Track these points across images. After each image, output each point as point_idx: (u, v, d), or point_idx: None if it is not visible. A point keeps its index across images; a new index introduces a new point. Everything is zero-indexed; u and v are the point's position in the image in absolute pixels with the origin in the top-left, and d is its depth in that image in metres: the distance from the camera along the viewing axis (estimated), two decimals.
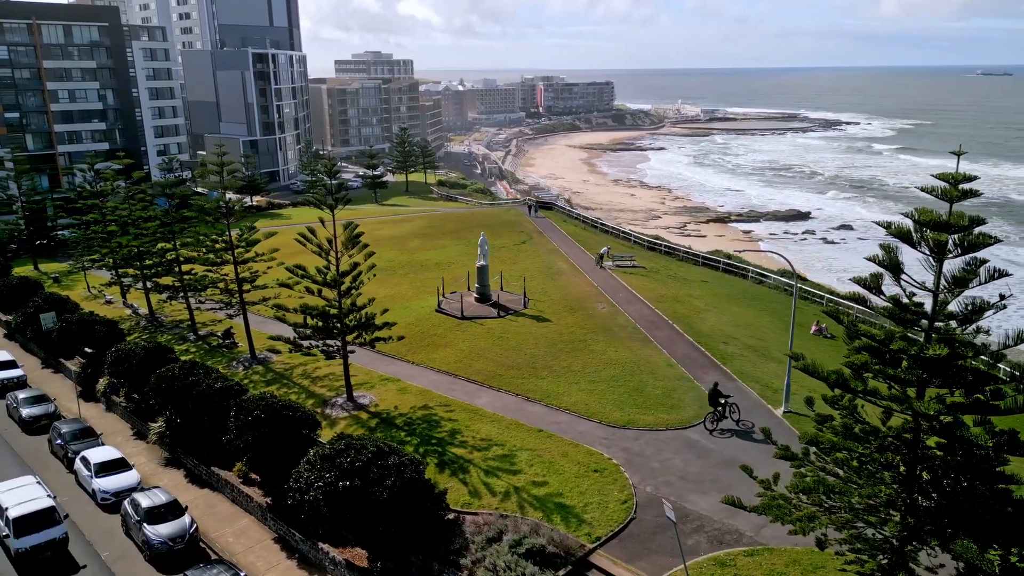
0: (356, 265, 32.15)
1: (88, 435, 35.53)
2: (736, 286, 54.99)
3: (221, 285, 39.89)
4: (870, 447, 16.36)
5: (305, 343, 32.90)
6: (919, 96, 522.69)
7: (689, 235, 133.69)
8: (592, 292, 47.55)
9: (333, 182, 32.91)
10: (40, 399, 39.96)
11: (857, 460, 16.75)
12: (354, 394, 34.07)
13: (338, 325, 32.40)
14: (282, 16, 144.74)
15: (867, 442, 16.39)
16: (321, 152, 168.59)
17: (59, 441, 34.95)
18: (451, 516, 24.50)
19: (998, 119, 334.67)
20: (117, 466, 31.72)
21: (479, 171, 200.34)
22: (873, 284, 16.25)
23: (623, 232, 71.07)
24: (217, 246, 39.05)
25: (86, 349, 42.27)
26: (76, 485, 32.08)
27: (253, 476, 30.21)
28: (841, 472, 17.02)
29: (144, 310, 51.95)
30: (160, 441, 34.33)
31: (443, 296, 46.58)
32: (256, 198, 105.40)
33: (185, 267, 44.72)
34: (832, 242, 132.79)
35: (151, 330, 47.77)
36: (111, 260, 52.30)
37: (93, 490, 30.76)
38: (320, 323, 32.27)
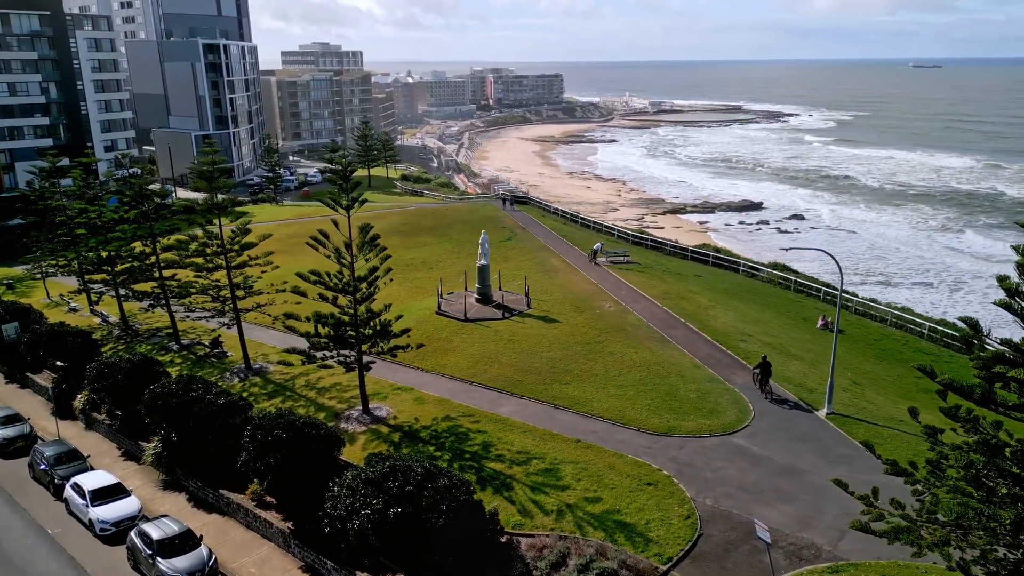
0: (374, 270, 30.11)
1: (74, 458, 32.67)
2: (730, 280, 54.50)
3: (212, 292, 37.20)
4: (1010, 464, 15.37)
5: (319, 354, 30.71)
6: (855, 88, 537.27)
7: (647, 227, 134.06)
8: (594, 290, 46.29)
9: (348, 183, 30.74)
10: (13, 419, 36.76)
11: (990, 478, 15.75)
12: (369, 406, 32.06)
13: (353, 334, 30.38)
14: (230, 5, 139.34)
15: (1008, 458, 15.39)
16: (275, 147, 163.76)
17: (43, 466, 32.03)
18: (504, 539, 22.93)
19: (930, 110, 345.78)
20: (114, 492, 29.13)
21: (436, 164, 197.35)
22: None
23: (606, 227, 70.06)
24: (209, 250, 36.36)
25: (58, 363, 39.18)
26: (68, 515, 29.38)
27: (268, 499, 28.07)
28: (974, 492, 15.99)
29: (115, 318, 48.67)
30: (157, 462, 31.75)
31: (441, 297, 44.71)
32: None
33: (167, 272, 41.79)
34: (786, 232, 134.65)
35: (127, 340, 44.64)
36: (78, 265, 48.79)
37: (90, 520, 28.13)
38: (333, 332, 30.16)
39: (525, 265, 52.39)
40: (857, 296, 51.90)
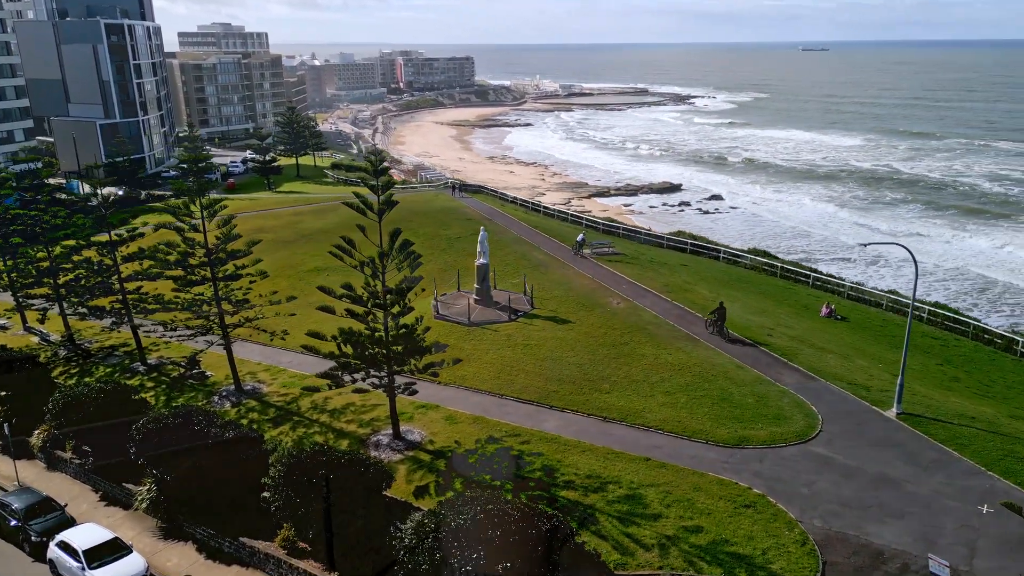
0: (411, 281, 26.78)
1: (50, 509, 27.93)
2: (715, 268, 53.46)
3: (195, 308, 32.68)
4: None
5: (349, 377, 27.14)
6: (752, 71, 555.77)
7: (575, 210, 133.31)
8: (594, 285, 44.05)
9: (379, 181, 27.18)
10: None
11: None
12: (400, 429, 28.76)
13: (384, 352, 27.00)
14: None
15: None
16: (184, 134, 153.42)
17: (13, 521, 27.20)
18: None
19: (821, 92, 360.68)
20: (113, 550, 24.82)
21: (355, 151, 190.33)
22: None
23: (572, 215, 67.92)
24: (193, 260, 31.86)
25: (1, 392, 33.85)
26: None
27: (302, 545, 24.54)
28: None
29: (56, 336, 42.88)
30: (153, 508, 27.51)
31: (436, 299, 41.47)
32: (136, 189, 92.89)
33: (131, 285, 36.69)
34: (707, 212, 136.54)
35: (78, 362, 39.23)
36: (8, 279, 42.52)
37: None
38: (362, 351, 26.71)
39: (509, 260, 49.57)
40: (846, 281, 51.77)
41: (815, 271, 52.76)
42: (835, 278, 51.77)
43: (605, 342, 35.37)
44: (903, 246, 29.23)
